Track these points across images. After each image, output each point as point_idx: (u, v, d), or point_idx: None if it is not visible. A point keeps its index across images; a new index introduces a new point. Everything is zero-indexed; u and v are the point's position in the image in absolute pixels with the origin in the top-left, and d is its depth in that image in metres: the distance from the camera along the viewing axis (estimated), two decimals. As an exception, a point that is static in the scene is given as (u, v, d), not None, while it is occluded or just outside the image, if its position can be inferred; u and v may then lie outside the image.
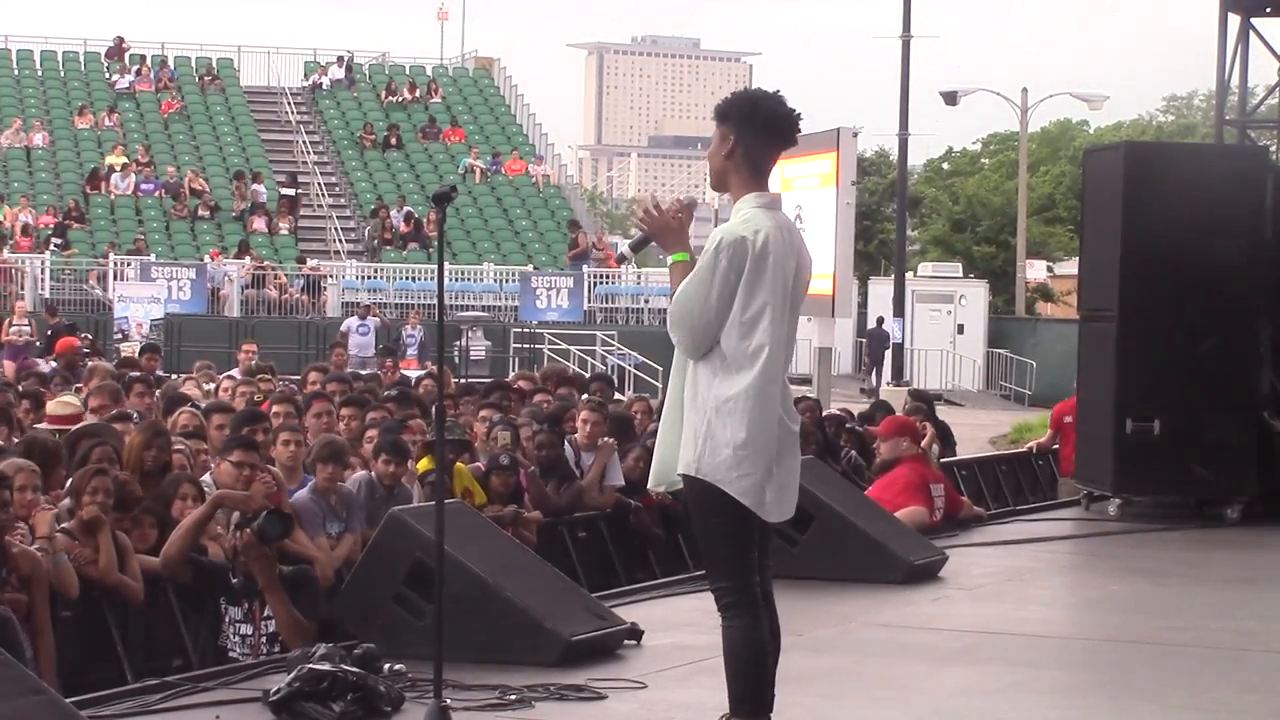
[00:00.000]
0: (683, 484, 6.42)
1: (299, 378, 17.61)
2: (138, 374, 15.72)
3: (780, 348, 6.38)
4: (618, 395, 18.99)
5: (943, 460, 16.71)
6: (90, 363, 18.42)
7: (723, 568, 6.38)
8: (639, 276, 44.69)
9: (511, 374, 23.92)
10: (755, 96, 6.51)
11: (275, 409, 12.41)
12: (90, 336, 31.14)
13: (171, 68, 51.10)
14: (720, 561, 6.39)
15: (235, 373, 18.09)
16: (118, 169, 45.06)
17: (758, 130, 6.45)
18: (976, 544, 13.14)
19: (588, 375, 23.32)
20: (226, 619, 9.20)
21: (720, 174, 6.52)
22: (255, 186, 44.86)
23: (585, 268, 43.22)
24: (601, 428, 13.38)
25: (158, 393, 14.93)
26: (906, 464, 13.27)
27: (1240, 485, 14.48)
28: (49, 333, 30.33)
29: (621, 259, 9.60)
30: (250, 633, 9.12)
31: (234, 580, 9.14)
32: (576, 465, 13.06)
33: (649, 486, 6.86)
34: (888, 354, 42.32)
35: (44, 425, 12.24)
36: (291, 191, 45.29)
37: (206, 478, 10.29)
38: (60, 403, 13.07)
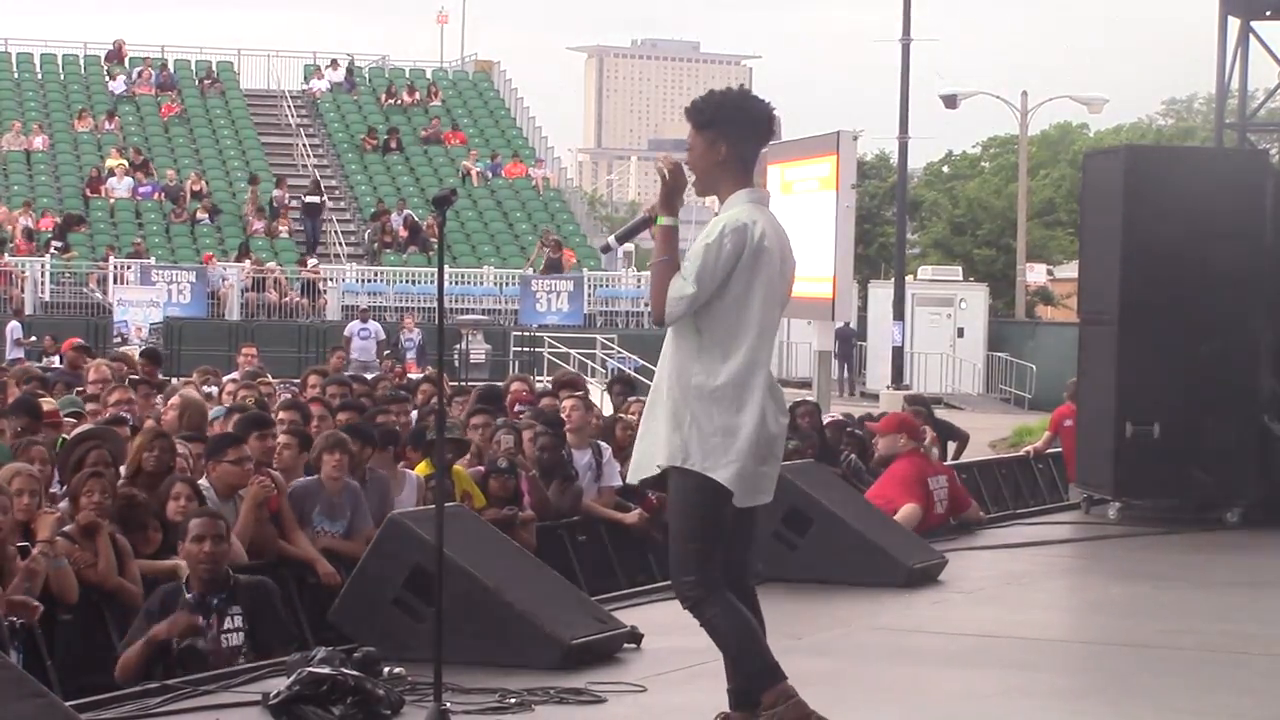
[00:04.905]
0: (664, 475, 6.36)
1: (299, 381, 17.58)
2: (137, 377, 15.66)
3: (766, 337, 6.39)
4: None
5: (948, 461, 16.73)
6: (91, 362, 18.29)
7: (692, 561, 6.35)
8: (639, 280, 44.69)
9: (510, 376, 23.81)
10: (739, 99, 6.52)
11: (281, 415, 12.37)
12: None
13: (171, 71, 51.09)
14: (691, 555, 6.35)
15: (235, 376, 18.08)
16: (117, 172, 45.04)
17: (747, 131, 6.49)
18: (976, 547, 13.14)
19: (609, 377, 23.22)
20: None
21: (710, 178, 6.53)
22: (276, 192, 44.79)
23: (585, 271, 43.21)
24: (586, 416, 13.41)
25: (159, 396, 14.89)
26: (904, 459, 13.20)
27: (1240, 489, 14.47)
28: None
29: (605, 249, 9.57)
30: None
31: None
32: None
33: (629, 480, 6.79)
34: (853, 352, 43.89)
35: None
36: (316, 199, 45.10)
37: (204, 481, 10.28)
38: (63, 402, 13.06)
